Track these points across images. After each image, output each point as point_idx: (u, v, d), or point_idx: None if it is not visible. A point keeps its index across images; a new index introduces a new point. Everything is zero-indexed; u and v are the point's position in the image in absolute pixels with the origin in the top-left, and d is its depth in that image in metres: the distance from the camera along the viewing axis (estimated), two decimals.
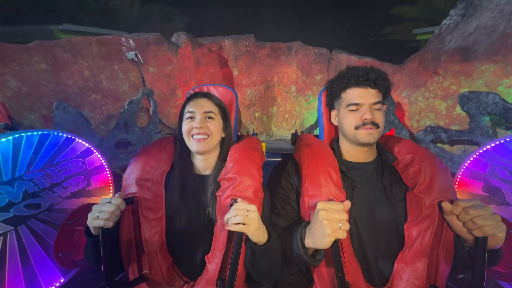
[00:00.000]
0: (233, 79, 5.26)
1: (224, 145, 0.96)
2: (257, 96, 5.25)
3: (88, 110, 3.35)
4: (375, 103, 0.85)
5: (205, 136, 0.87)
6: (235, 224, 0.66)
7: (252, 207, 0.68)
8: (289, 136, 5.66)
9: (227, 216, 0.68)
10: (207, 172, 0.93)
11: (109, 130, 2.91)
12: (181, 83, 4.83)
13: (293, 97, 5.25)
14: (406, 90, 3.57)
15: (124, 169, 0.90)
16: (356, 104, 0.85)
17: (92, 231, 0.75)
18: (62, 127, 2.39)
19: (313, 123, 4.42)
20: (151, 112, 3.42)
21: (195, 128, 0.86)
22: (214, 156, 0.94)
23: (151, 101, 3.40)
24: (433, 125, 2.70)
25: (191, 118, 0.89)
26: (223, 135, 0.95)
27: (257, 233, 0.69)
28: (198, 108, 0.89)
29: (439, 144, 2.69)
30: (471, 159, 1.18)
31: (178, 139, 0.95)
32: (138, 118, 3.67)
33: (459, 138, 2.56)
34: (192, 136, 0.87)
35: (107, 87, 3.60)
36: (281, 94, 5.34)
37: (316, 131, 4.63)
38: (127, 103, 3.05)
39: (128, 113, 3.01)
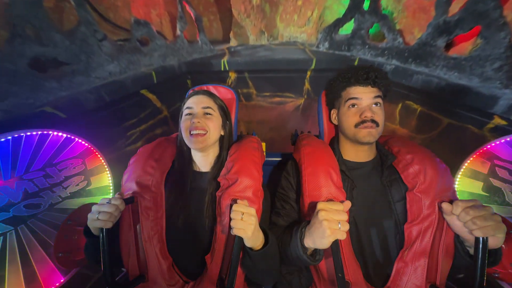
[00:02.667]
0: None
1: (224, 143, 0.96)
2: None
3: None
4: (375, 101, 0.85)
5: (202, 132, 0.87)
6: (233, 228, 0.66)
7: (249, 210, 0.67)
8: (300, 37, 3.72)
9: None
10: (206, 169, 0.93)
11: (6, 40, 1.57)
12: None
13: None
14: None
15: (58, 106, 0.70)
16: (356, 99, 0.86)
17: (92, 231, 0.75)
18: None
19: (340, 17, 3.12)
20: (72, 1, 1.89)
21: (193, 122, 0.86)
22: (213, 154, 0.94)
23: None
24: None
25: (190, 114, 0.89)
26: (222, 133, 0.95)
27: (252, 237, 0.68)
28: (197, 104, 0.89)
29: None
30: (471, 159, 1.18)
31: (178, 136, 0.96)
32: (59, 18, 2.13)
33: None
34: (190, 132, 0.87)
35: None
36: None
37: (346, 31, 3.23)
38: None
39: (23, 4, 1.59)
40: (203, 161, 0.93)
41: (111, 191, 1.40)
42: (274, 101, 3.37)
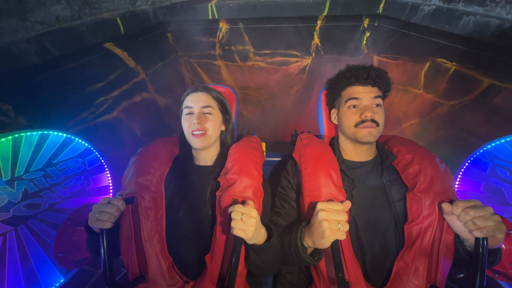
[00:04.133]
0: None
1: (225, 138, 0.98)
2: None
3: None
4: (376, 101, 0.85)
5: (203, 132, 0.88)
6: (233, 228, 0.66)
7: (249, 211, 0.66)
8: None
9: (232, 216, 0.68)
10: (207, 163, 0.96)
11: None
12: None
13: None
14: None
15: None
16: (356, 99, 0.86)
17: (93, 229, 0.76)
18: None
19: None
20: None
21: (193, 123, 0.87)
22: (214, 149, 0.96)
23: None
24: None
25: (190, 113, 0.90)
26: (223, 128, 0.97)
27: (253, 238, 0.68)
28: (196, 103, 0.90)
29: None
30: (471, 159, 1.18)
31: (180, 133, 0.98)
32: None
33: None
34: (192, 132, 0.88)
35: None
36: None
37: None
38: None
39: None
40: (204, 157, 0.95)
41: (111, 191, 1.40)
42: (275, 61, 2.56)
